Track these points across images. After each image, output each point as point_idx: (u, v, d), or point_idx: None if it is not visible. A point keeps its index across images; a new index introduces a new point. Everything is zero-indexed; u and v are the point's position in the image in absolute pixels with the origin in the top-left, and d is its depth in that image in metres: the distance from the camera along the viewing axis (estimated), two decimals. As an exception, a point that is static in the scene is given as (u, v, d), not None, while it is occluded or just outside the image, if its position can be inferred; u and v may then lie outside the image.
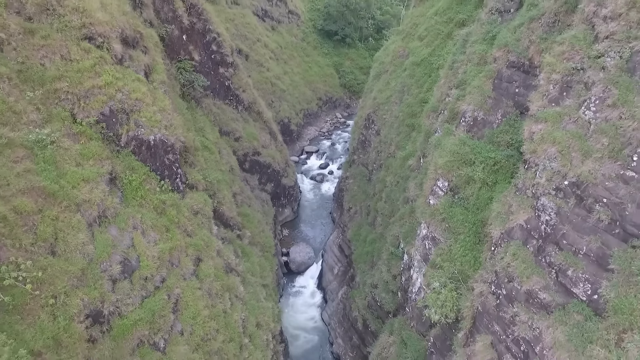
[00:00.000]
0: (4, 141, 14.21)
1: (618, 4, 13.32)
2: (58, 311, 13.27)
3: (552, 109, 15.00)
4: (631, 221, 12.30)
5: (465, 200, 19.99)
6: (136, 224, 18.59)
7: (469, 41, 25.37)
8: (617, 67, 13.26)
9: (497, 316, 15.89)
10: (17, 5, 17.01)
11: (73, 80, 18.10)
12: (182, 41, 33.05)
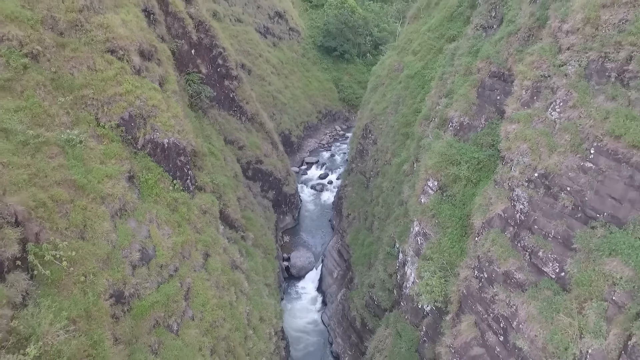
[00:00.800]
0: (42, 139, 16.13)
1: (576, 20, 15.43)
2: (88, 288, 14.99)
3: (524, 111, 17.00)
4: (590, 206, 14.17)
5: (452, 197, 21.86)
6: (152, 218, 20.39)
7: (457, 54, 27.58)
8: (577, 74, 15.30)
9: (479, 297, 17.60)
10: (51, 22, 19.15)
11: (97, 88, 20.13)
12: (191, 55, 35.33)
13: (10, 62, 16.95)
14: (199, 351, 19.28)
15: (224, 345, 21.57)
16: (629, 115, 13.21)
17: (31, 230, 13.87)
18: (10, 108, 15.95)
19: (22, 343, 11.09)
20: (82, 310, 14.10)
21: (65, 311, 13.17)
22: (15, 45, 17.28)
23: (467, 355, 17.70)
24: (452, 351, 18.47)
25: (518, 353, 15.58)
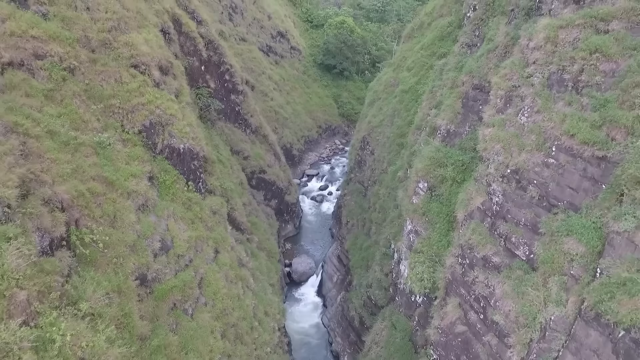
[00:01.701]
0: (79, 141, 18.57)
1: (539, 38, 18.07)
2: (118, 269, 17.19)
3: (498, 116, 19.51)
4: (552, 195, 16.54)
5: (440, 196, 24.21)
6: (169, 214, 22.69)
7: (445, 70, 30.32)
8: (541, 84, 17.86)
9: (462, 281, 19.78)
10: (85, 40, 21.84)
11: (123, 98, 22.70)
12: (201, 71, 38.15)
13: (52, 75, 19.53)
14: (211, 334, 21.32)
15: (233, 331, 23.58)
16: (581, 117, 15.68)
17: (73, 216, 16.15)
18: (54, 114, 18.43)
19: (72, 305, 13.26)
20: (115, 286, 16.27)
21: (103, 285, 15.36)
22: (56, 61, 19.89)
23: (453, 334, 19.78)
24: (440, 331, 20.55)
25: (495, 327, 17.72)
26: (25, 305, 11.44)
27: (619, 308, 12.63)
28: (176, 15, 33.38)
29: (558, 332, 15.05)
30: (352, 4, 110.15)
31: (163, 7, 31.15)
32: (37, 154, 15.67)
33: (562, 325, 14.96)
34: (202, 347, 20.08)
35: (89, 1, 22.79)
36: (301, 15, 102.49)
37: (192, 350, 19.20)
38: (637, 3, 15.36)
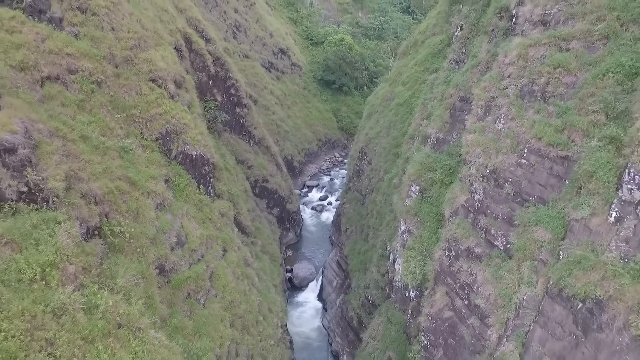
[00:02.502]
0: (107, 145, 20.93)
1: (513, 55, 20.62)
2: (141, 258, 19.34)
3: (479, 124, 21.93)
4: (525, 191, 18.85)
5: (430, 198, 26.48)
6: (183, 214, 24.92)
7: (435, 84, 32.93)
8: (515, 94, 20.34)
9: (449, 271, 21.91)
10: (110, 57, 24.40)
11: (142, 109, 25.15)
12: (209, 85, 40.81)
13: (82, 88, 22.02)
14: (221, 322, 23.31)
15: (240, 322, 25.54)
16: (547, 123, 18.10)
17: (104, 209, 18.38)
18: (85, 121, 20.83)
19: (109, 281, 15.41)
20: (139, 271, 18.40)
21: (131, 268, 17.51)
22: (86, 75, 22.40)
23: (441, 319, 21.83)
24: (430, 318, 22.58)
25: (477, 310, 19.82)
26: (73, 277, 13.64)
27: (576, 282, 14.85)
28: (187, 34, 36.15)
29: (529, 309, 17.19)
30: (350, 22, 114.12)
31: (176, 27, 33.93)
32: (74, 155, 18.00)
33: (533, 303, 17.11)
34: (213, 332, 22.06)
35: (113, 22, 25.44)
36: (302, 33, 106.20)
37: (204, 335, 21.20)
38: (593, 26, 17.93)
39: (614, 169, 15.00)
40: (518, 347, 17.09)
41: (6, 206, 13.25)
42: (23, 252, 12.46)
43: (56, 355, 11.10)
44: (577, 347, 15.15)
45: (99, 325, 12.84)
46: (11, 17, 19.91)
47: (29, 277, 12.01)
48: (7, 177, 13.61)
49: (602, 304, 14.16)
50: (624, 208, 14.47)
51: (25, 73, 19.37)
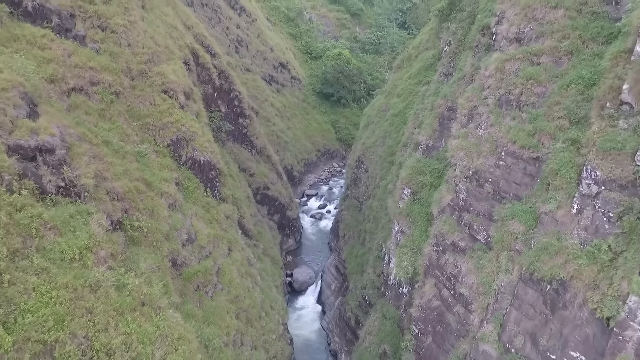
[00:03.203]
0: (126, 150, 23.08)
1: (491, 68, 22.96)
2: (157, 250, 21.32)
3: (462, 130, 24.18)
4: (503, 190, 20.99)
5: (421, 199, 28.60)
6: (192, 214, 26.95)
7: (426, 95, 35.32)
8: (494, 104, 22.62)
9: (437, 264, 23.91)
10: (127, 70, 26.71)
11: (156, 118, 27.36)
12: (214, 97, 43.17)
13: (103, 98, 24.26)
14: (227, 313, 25.16)
15: (244, 315, 27.37)
16: (521, 128, 20.35)
17: (124, 206, 20.43)
18: (106, 128, 23.02)
19: (132, 265, 17.41)
20: (156, 262, 20.39)
21: (149, 258, 19.51)
22: (106, 87, 24.65)
23: (430, 308, 23.75)
24: (420, 308, 24.50)
25: (462, 298, 21.80)
26: (104, 260, 15.67)
27: (543, 266, 16.94)
28: (195, 49, 38.64)
29: (506, 294, 19.21)
30: (348, 37, 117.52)
31: (185, 43, 36.42)
32: (99, 157, 20.12)
33: (509, 289, 19.14)
34: (220, 322, 23.90)
35: (130, 39, 27.82)
36: (301, 47, 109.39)
37: (212, 323, 23.04)
38: (559, 43, 20.31)
39: (575, 167, 17.20)
40: (496, 328, 19.05)
41: (48, 198, 15.34)
42: (63, 237, 14.51)
43: (95, 322, 13.08)
44: (546, 324, 17.14)
45: (127, 300, 14.84)
46: (42, 35, 22.21)
47: (69, 257, 14.04)
48: (48, 174, 15.73)
49: (565, 284, 16.21)
50: (583, 201, 16.62)
51: (54, 85, 21.59)
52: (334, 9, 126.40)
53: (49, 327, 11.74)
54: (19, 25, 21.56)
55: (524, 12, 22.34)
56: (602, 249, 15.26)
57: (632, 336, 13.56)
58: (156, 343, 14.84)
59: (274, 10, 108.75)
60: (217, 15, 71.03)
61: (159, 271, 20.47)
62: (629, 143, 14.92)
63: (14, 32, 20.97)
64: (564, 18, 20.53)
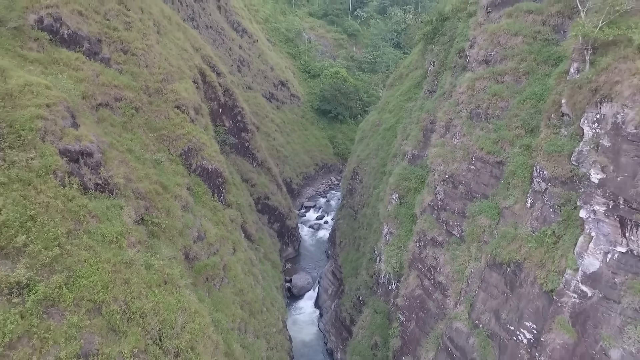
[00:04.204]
0: (145, 157, 26.37)
1: (464, 86, 26.46)
2: (173, 244, 24.39)
3: (440, 140, 27.55)
4: (473, 190, 24.23)
5: (407, 203, 31.78)
6: (202, 215, 30.07)
7: (413, 110, 38.86)
8: (466, 116, 26.04)
9: (419, 258, 26.96)
10: (145, 88, 30.20)
11: (169, 130, 30.73)
12: (219, 112, 46.70)
13: (125, 112, 27.67)
14: (233, 304, 28.05)
15: (248, 307, 30.21)
16: (487, 137, 23.71)
17: (146, 204, 23.62)
18: (128, 138, 26.36)
19: (155, 251, 20.47)
20: (173, 254, 23.44)
21: (168, 248, 22.58)
22: (128, 102, 28.09)
23: (413, 297, 26.70)
24: (405, 298, 27.43)
25: (440, 286, 24.81)
26: (134, 245, 18.77)
27: (502, 251, 20.07)
28: (202, 69, 42.32)
29: (475, 279, 22.26)
30: (345, 56, 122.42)
31: (194, 63, 40.12)
32: (125, 162, 23.40)
33: (478, 274, 22.20)
34: (227, 310, 26.78)
35: (148, 61, 31.41)
36: (300, 66, 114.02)
37: (220, 310, 25.91)
38: (518, 65, 23.85)
39: (528, 168, 20.50)
40: (467, 308, 22.03)
41: (89, 193, 18.53)
42: (103, 223, 17.67)
43: (130, 290, 16.16)
44: (506, 301, 20.17)
45: (154, 277, 17.94)
46: (75, 58, 25.75)
47: (108, 240, 17.18)
48: (88, 173, 18.98)
49: (520, 265, 19.33)
50: (535, 196, 19.87)
51: (86, 100, 24.99)
52: (332, 29, 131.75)
53: (97, 290, 14.84)
54: (57, 50, 25.13)
55: (491, 38, 25.97)
56: (548, 234, 18.44)
57: (568, 302, 16.63)
58: (177, 313, 17.87)
59: (274, 31, 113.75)
60: (221, 36, 75.39)
61: (176, 260, 23.51)
62: (567, 147, 18.24)
63: (53, 55, 24.51)
64: (522, 44, 24.13)
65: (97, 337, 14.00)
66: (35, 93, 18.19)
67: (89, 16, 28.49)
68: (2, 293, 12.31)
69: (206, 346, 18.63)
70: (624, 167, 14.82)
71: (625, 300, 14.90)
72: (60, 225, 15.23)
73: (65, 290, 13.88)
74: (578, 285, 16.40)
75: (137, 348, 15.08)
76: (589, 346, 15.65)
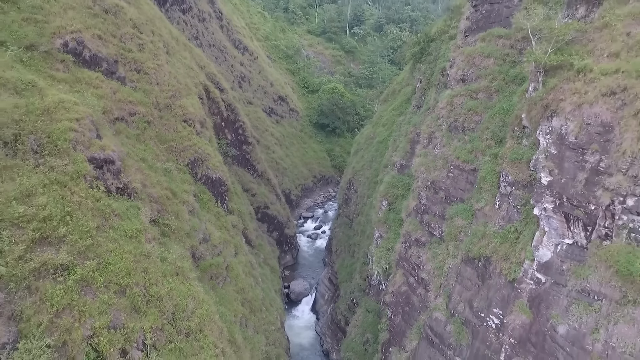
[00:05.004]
0: (157, 166, 29.20)
1: (444, 102, 29.46)
2: (182, 244, 27.04)
3: (423, 150, 30.44)
4: (452, 195, 27.02)
5: (395, 209, 34.51)
6: (206, 220, 32.75)
7: (402, 123, 41.88)
8: (446, 129, 28.97)
9: (405, 257, 29.58)
10: (156, 104, 33.19)
11: (178, 142, 33.62)
12: (221, 126, 49.73)
13: (138, 126, 30.58)
14: (235, 300, 30.54)
15: (248, 305, 32.66)
16: (463, 147, 26.60)
17: (158, 207, 26.34)
18: (142, 149, 29.23)
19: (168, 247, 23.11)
20: (182, 251, 26.05)
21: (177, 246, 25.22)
22: (141, 116, 31.02)
23: (399, 293, 29.22)
24: (392, 295, 29.94)
25: (423, 282, 27.39)
26: (150, 240, 21.45)
27: (474, 248, 22.75)
28: (207, 86, 45.47)
29: (452, 273, 24.89)
30: (343, 72, 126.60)
31: (199, 80, 43.27)
32: (140, 170, 26.20)
33: (455, 269, 24.83)
34: (229, 306, 29.25)
35: (158, 79, 34.48)
36: (299, 82, 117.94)
37: (223, 306, 28.41)
38: (490, 83, 26.88)
39: (496, 174, 23.32)
40: (445, 299, 24.59)
41: (111, 195, 21.28)
42: (124, 221, 20.36)
43: (149, 278, 18.80)
44: (478, 292, 22.77)
45: (168, 268, 20.60)
46: (96, 77, 28.74)
47: (129, 235, 19.87)
48: (111, 178, 21.76)
49: (489, 259, 22.01)
50: (502, 198, 22.65)
51: (105, 115, 27.89)
52: (330, 46, 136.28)
53: (122, 276, 17.49)
54: (80, 70, 28.14)
55: (467, 59, 29.07)
56: (511, 230, 21.16)
57: (526, 288, 19.27)
58: (188, 299, 20.47)
59: (274, 49, 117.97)
60: (224, 54, 79.05)
61: (185, 257, 26.13)
62: (526, 155, 21.09)
63: (77, 75, 27.50)
64: (493, 65, 27.21)
65: (122, 314, 16.60)
66: (67, 109, 21.07)
67: (107, 39, 31.63)
68: (49, 273, 14.97)
69: (212, 330, 21.17)
70: (566, 171, 17.64)
71: (570, 283, 17.55)
72: (91, 221, 17.94)
73: (97, 274, 16.53)
74: (534, 273, 19.06)
75: (155, 326, 17.67)
76: (542, 324, 18.24)
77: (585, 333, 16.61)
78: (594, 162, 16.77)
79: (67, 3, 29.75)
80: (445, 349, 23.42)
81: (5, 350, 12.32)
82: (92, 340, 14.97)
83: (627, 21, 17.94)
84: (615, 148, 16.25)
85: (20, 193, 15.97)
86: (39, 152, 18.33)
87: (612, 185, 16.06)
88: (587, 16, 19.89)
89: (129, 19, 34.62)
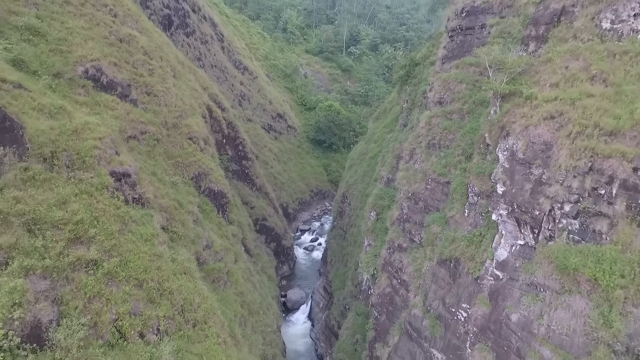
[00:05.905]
0: (165, 180, 32.42)
1: (423, 122, 32.89)
2: (188, 249, 30.08)
3: (406, 165, 33.74)
4: (429, 205, 30.24)
5: (382, 219, 37.64)
6: (209, 229, 35.84)
7: (390, 141, 45.32)
8: (426, 146, 32.35)
9: (389, 262, 32.61)
10: (164, 123, 36.63)
11: (183, 157, 36.94)
12: (222, 143, 53.14)
13: (149, 143, 33.92)
14: (234, 302, 33.41)
15: (247, 307, 35.49)
16: (439, 163, 29.92)
17: (167, 216, 29.48)
18: (152, 164, 32.50)
19: (177, 250, 26.15)
20: (188, 255, 29.08)
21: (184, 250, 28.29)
22: (151, 135, 34.39)
23: (384, 294, 32.15)
24: (377, 296, 32.86)
25: (404, 284, 30.39)
26: (162, 243, 24.53)
27: (446, 250, 25.86)
28: (209, 106, 49.04)
29: (429, 274, 27.92)
30: (340, 90, 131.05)
31: (202, 101, 46.85)
32: (151, 183, 29.42)
33: (431, 270, 27.88)
34: (230, 307, 32.12)
35: (167, 100, 37.99)
36: (297, 99, 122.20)
37: (224, 305, 31.30)
38: (463, 105, 30.37)
39: (464, 186, 26.57)
40: (422, 298, 27.55)
41: (129, 204, 24.45)
42: (140, 226, 23.48)
43: (161, 275, 21.83)
44: (450, 290, 25.78)
45: (177, 267, 23.63)
46: (112, 100, 32.20)
47: (145, 238, 22.96)
48: (128, 189, 24.96)
49: (459, 260, 25.09)
50: (470, 207, 25.86)
51: (120, 133, 31.24)
52: (327, 65, 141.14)
53: (140, 272, 20.53)
54: (98, 94, 31.61)
55: (444, 84, 32.62)
56: (476, 234, 24.30)
57: (487, 283, 22.32)
58: (194, 294, 23.46)
59: (272, 68, 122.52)
60: (225, 74, 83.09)
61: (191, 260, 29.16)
62: (488, 169, 24.38)
63: (96, 99, 30.96)
64: (465, 89, 30.73)
65: (140, 303, 19.60)
66: (91, 129, 24.38)
67: (122, 66, 35.22)
68: (82, 266, 18.04)
69: (215, 322, 24.10)
70: (516, 182, 20.89)
71: (521, 278, 20.63)
72: (113, 225, 21.05)
73: (119, 269, 19.58)
74: (493, 271, 22.15)
75: (167, 315, 20.65)
76: (498, 314, 21.23)
77: (533, 319, 19.61)
78: (537, 175, 20.04)
79: (87, 34, 33.42)
80: (422, 341, 26.28)
81: (52, 325, 15.32)
82: (116, 323, 17.96)
83: (565, 57, 21.45)
84: (554, 163, 19.54)
85: (57, 201, 19.12)
86: (70, 167, 21.56)
87: (552, 194, 19.29)
88: (536, 51, 23.46)
89: (141, 46, 38.33)
